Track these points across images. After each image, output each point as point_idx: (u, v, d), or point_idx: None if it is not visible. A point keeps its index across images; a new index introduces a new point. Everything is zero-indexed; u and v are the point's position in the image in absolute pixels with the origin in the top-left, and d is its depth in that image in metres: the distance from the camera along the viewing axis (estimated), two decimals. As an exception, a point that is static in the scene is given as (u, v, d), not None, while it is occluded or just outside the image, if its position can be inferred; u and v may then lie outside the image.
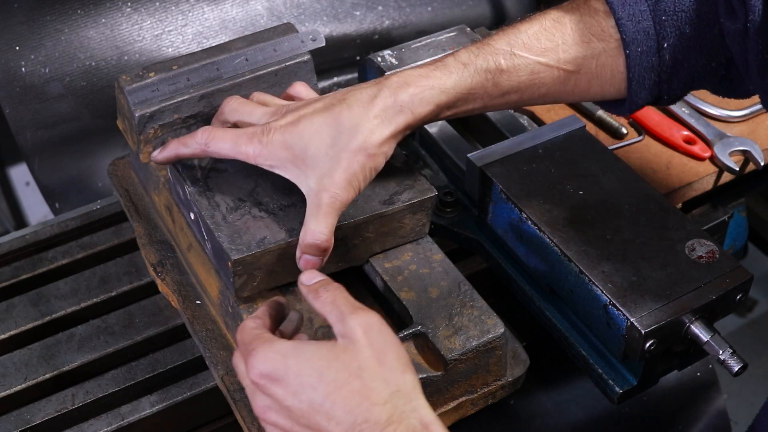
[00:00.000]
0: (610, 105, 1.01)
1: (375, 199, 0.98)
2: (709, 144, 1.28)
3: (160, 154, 0.98)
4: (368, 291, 1.05)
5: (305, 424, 0.75)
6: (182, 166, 1.00)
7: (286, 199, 0.97)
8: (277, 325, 0.86)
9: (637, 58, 0.92)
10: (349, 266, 1.01)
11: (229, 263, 0.91)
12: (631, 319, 0.91)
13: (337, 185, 0.88)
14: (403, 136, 0.92)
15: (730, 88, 0.97)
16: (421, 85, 0.91)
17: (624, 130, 1.30)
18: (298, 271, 0.88)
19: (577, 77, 0.94)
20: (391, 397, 0.74)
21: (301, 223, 0.91)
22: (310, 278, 0.84)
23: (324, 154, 0.89)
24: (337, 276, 0.97)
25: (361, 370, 0.74)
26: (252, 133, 0.92)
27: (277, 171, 0.92)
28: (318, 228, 0.89)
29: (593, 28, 0.93)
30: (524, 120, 1.30)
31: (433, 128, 1.20)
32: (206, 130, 0.94)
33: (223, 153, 0.93)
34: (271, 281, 0.96)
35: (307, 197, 0.90)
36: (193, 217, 0.99)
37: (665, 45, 0.92)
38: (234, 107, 0.98)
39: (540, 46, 0.93)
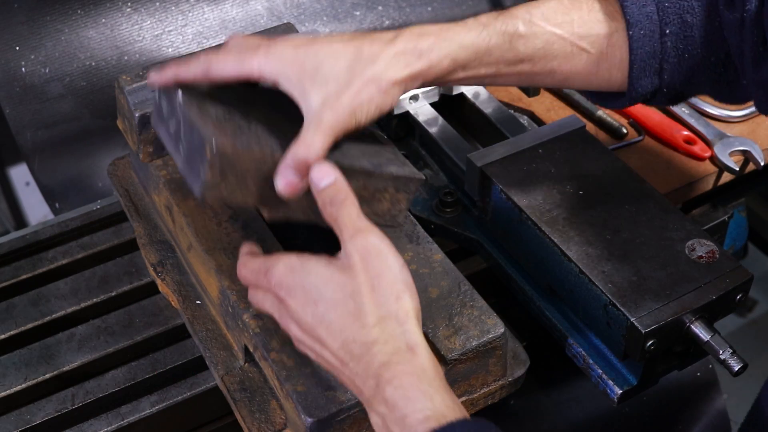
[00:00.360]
0: (610, 98, 1.01)
1: (364, 159, 0.91)
2: (709, 144, 1.28)
3: (158, 77, 0.90)
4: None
5: (311, 335, 0.80)
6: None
7: (281, 128, 0.89)
8: None
9: (640, 40, 0.93)
10: (315, 223, 0.91)
11: (208, 150, 0.82)
12: (632, 319, 0.91)
13: (342, 107, 0.85)
14: (414, 86, 0.90)
15: (727, 90, 0.97)
16: (441, 37, 0.90)
17: (624, 130, 1.30)
18: (269, 198, 0.84)
19: (588, 56, 0.94)
20: (380, 321, 0.78)
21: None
22: (320, 177, 0.83)
23: (336, 75, 0.85)
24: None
25: (355, 293, 0.78)
26: (258, 45, 0.88)
27: (280, 85, 0.86)
28: (313, 142, 0.84)
29: (606, 8, 0.94)
30: (524, 120, 1.31)
31: (433, 128, 1.20)
32: (208, 52, 0.90)
33: (227, 71, 0.88)
34: (238, 195, 0.86)
35: (306, 116, 0.85)
36: (173, 127, 0.89)
37: (667, 31, 0.93)
38: (238, 42, 0.91)
39: (557, 18, 0.93)
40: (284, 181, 0.84)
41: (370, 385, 0.77)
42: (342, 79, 0.85)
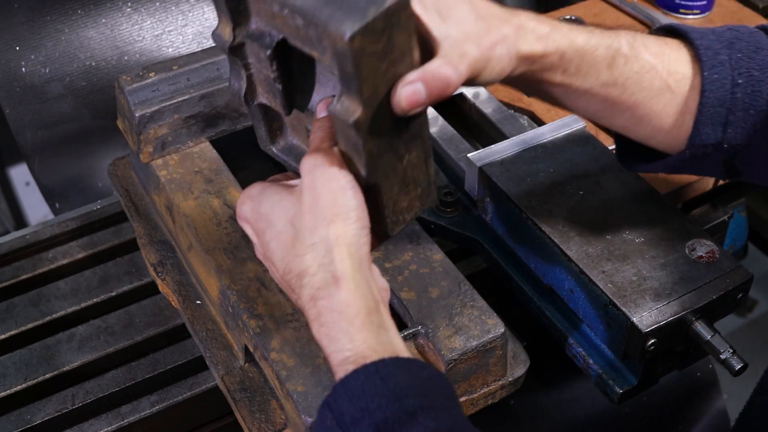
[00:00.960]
0: (656, 158, 0.95)
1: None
2: (709, 144, 1.28)
3: None
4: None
5: (270, 262, 0.77)
6: None
7: None
8: None
9: (713, 84, 0.90)
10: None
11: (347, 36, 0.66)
12: (632, 319, 0.91)
13: (484, 49, 0.78)
14: (519, 70, 0.83)
15: None
16: (556, 29, 0.86)
17: (624, 130, 1.30)
18: (379, 114, 0.72)
19: (671, 96, 0.91)
20: (310, 249, 0.72)
21: None
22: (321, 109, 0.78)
23: (473, 19, 0.80)
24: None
25: (295, 217, 0.73)
26: None
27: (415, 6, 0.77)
28: (458, 67, 0.76)
29: (688, 51, 0.92)
30: (524, 120, 1.30)
31: (433, 128, 1.20)
32: None
33: None
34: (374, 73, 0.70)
35: (442, 42, 0.77)
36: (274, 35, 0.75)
37: (739, 81, 0.90)
38: None
39: (654, 48, 0.91)
40: (412, 89, 0.73)
41: (310, 319, 0.74)
42: (479, 25, 0.80)
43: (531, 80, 0.87)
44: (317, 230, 0.72)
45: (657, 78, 0.90)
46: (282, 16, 0.73)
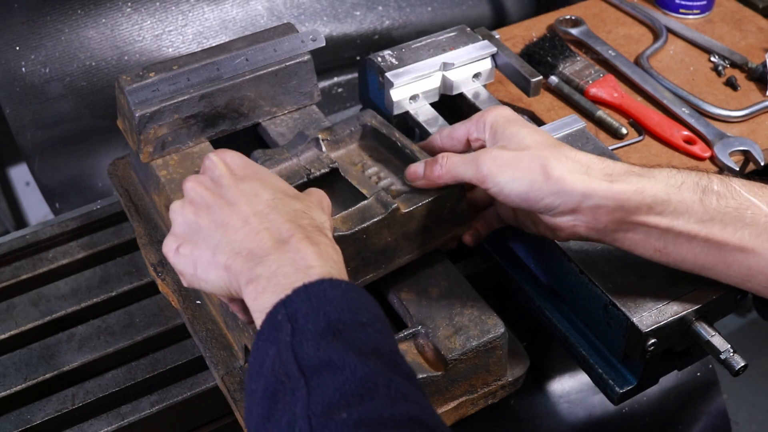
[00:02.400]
0: None
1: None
2: (709, 144, 1.28)
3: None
4: (369, 291, 1.05)
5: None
6: None
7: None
8: None
9: None
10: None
11: None
12: (632, 319, 0.91)
13: (499, 168, 0.90)
14: (572, 203, 0.88)
15: None
16: (631, 170, 0.88)
17: (624, 130, 1.30)
18: None
19: None
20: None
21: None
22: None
23: (519, 143, 0.90)
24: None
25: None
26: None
27: (479, 125, 0.96)
28: (455, 162, 0.93)
29: None
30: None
31: (433, 128, 1.20)
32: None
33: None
34: None
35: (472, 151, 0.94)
36: None
37: None
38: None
39: (753, 189, 0.87)
40: (413, 168, 0.97)
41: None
42: (523, 144, 0.90)
43: (628, 228, 0.88)
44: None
45: (761, 214, 0.86)
46: None
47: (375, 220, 0.93)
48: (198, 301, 1.06)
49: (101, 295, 1.13)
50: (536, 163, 0.87)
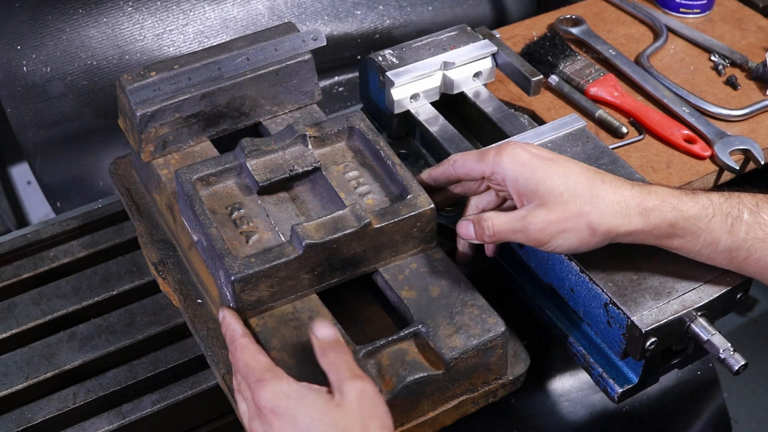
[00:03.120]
0: None
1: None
2: (709, 143, 1.28)
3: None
4: (369, 290, 1.05)
5: None
6: None
7: None
8: None
9: None
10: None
11: None
12: (632, 318, 0.91)
13: (545, 229, 0.91)
14: (625, 240, 0.93)
15: None
16: (666, 200, 0.91)
17: (624, 130, 1.30)
18: None
19: None
20: None
21: None
22: (322, 333, 0.87)
23: (558, 195, 0.91)
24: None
25: (345, 430, 0.80)
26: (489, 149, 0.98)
27: (507, 182, 0.94)
28: (505, 223, 0.94)
29: None
30: (525, 119, 1.31)
31: (434, 127, 1.20)
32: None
33: (468, 166, 1.00)
34: None
35: (518, 207, 0.94)
36: None
37: None
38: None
39: None
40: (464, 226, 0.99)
41: None
42: (561, 199, 0.91)
43: (648, 242, 0.93)
44: None
45: None
46: None
47: (347, 232, 0.95)
48: (199, 300, 1.06)
49: (102, 294, 1.13)
50: (582, 223, 0.90)
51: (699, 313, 0.93)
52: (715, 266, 0.94)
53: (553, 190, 0.91)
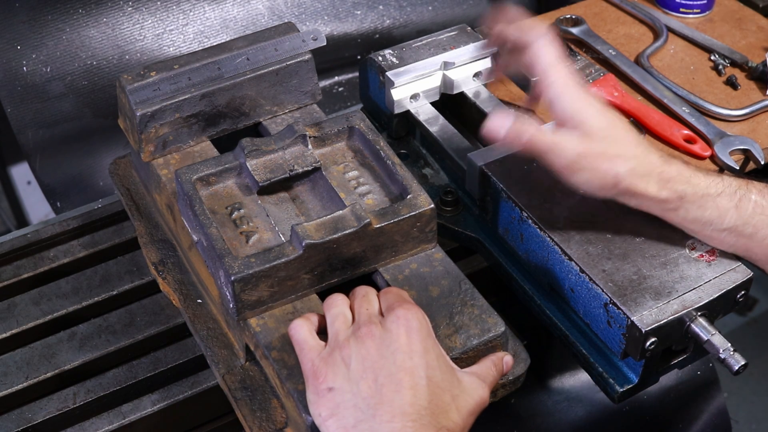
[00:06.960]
0: None
1: None
2: (709, 143, 1.28)
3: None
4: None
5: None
6: None
7: None
8: None
9: None
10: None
11: None
12: (632, 318, 0.91)
13: (581, 160, 0.92)
14: (621, 200, 0.95)
15: None
16: (681, 173, 0.93)
17: (624, 129, 1.30)
18: None
19: None
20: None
21: None
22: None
23: (602, 134, 0.92)
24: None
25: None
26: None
27: (554, 104, 0.94)
28: (544, 137, 0.94)
29: None
30: (525, 119, 1.31)
31: (433, 127, 1.20)
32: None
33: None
34: None
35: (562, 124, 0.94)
36: None
37: None
38: None
39: None
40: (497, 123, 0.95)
41: None
42: (605, 140, 0.92)
43: (657, 213, 0.96)
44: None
45: None
46: None
47: (346, 232, 0.94)
48: (199, 300, 1.06)
49: (102, 294, 1.13)
50: (610, 174, 0.92)
51: (699, 313, 0.93)
52: (715, 267, 0.94)
53: (587, 123, 0.92)
